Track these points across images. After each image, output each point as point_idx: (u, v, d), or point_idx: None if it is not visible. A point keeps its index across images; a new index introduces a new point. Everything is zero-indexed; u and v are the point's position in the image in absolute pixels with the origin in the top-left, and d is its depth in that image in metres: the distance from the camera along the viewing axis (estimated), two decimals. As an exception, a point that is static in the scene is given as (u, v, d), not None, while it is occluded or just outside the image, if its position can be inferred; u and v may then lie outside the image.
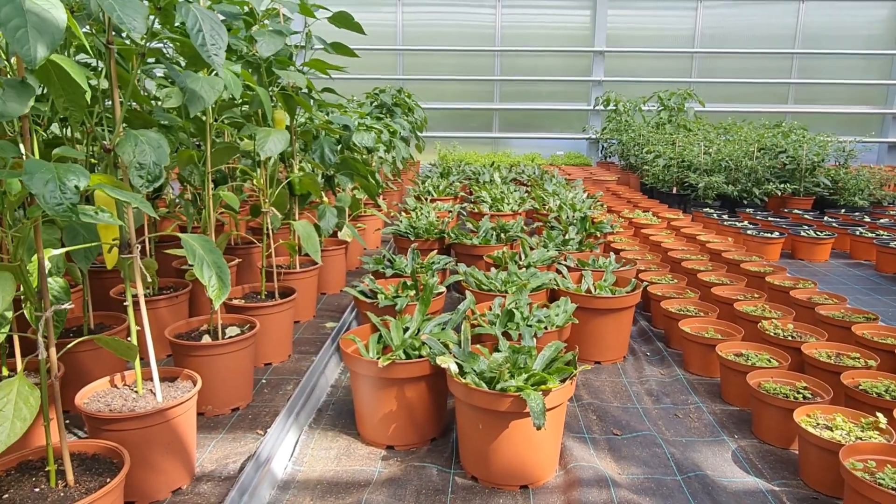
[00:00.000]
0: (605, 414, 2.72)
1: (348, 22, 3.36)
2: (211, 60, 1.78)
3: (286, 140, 2.82)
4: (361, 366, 2.38)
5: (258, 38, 2.61)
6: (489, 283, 3.37)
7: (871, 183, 7.64)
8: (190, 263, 1.98)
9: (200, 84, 2.21)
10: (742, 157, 7.72)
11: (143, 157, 1.78)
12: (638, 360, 3.37)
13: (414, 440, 2.46)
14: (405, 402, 2.40)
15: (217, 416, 2.59)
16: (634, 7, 13.11)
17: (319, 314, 3.96)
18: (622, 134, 10.86)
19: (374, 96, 7.53)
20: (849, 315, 3.40)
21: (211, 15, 1.82)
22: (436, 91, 13.46)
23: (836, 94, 13.44)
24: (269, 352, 3.14)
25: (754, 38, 13.21)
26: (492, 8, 13.15)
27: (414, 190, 6.77)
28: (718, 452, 2.45)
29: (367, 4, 13.18)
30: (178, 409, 2.05)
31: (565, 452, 2.37)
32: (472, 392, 2.13)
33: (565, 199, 5.89)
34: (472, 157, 11.22)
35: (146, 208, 1.55)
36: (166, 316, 3.10)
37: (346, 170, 4.42)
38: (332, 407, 2.80)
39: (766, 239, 5.58)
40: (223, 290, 2.05)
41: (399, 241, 4.79)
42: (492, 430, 2.15)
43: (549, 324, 2.86)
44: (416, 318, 2.71)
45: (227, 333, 2.70)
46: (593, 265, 3.92)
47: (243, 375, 2.68)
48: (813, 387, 2.60)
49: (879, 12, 13.11)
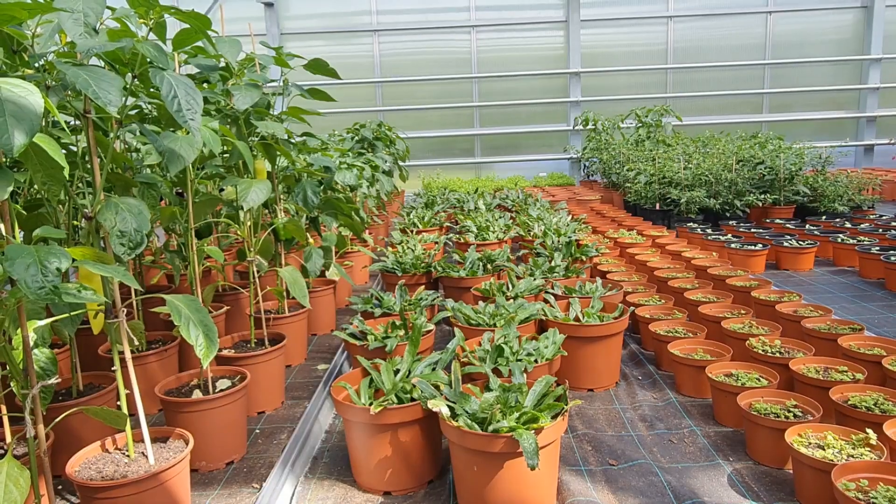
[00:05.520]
0: (600, 444, 2.73)
1: (323, 68, 3.41)
2: (187, 125, 1.81)
3: (268, 189, 2.85)
4: (353, 413, 2.38)
5: (235, 93, 2.64)
6: (477, 317, 3.39)
7: (849, 188, 7.76)
8: (175, 324, 1.99)
9: (179, 143, 2.24)
10: (721, 170, 7.83)
11: (124, 224, 1.80)
12: (630, 385, 3.39)
13: (411, 484, 2.45)
14: (399, 446, 2.40)
15: (212, 471, 2.58)
16: (607, 26, 13.34)
17: (311, 356, 3.95)
18: (602, 152, 10.98)
19: (355, 131, 7.59)
20: (835, 327, 3.44)
21: (185, 80, 1.85)
22: (416, 119, 13.58)
23: (810, 101, 13.67)
24: (261, 400, 3.13)
25: (726, 50, 13.45)
26: (466, 34, 13.33)
27: (399, 222, 6.80)
28: (714, 477, 2.46)
29: (345, 36, 13.34)
30: (170, 472, 2.04)
31: (562, 487, 2.38)
32: (465, 435, 2.13)
33: (550, 223, 5.94)
34: (456, 183, 11.29)
35: (129, 281, 1.56)
36: (157, 371, 3.09)
37: (330, 209, 4.44)
38: (328, 454, 2.79)
39: (750, 252, 5.64)
40: (211, 348, 2.05)
41: (386, 277, 4.80)
42: (487, 471, 2.15)
43: (538, 356, 2.88)
44: (406, 359, 2.72)
45: (217, 387, 2.70)
46: (580, 291, 3.95)
47: (236, 428, 2.67)
48: (803, 404, 2.62)
49: (846, 17, 13.39)
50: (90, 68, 1.73)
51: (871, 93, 13.40)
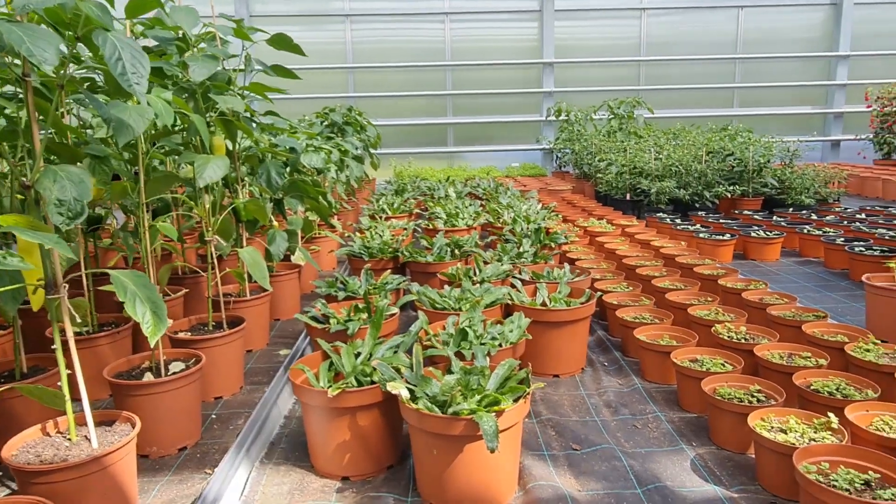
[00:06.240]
0: (564, 429, 2.69)
1: (287, 44, 3.31)
2: (132, 90, 1.71)
3: (225, 166, 2.74)
4: (311, 396, 2.31)
5: (190, 64, 2.53)
6: (443, 301, 3.32)
7: (815, 181, 7.86)
8: (121, 300, 1.89)
9: (128, 113, 2.13)
10: (691, 161, 7.87)
11: (62, 193, 1.70)
12: (596, 370, 3.36)
13: (370, 469, 2.39)
14: (358, 430, 2.33)
15: (163, 457, 2.48)
16: (580, 18, 13.33)
17: (273, 341, 3.86)
18: (574, 143, 10.98)
19: (325, 116, 7.45)
20: (799, 314, 3.45)
21: (131, 43, 1.75)
22: (389, 107, 13.45)
23: (779, 96, 13.85)
24: (218, 385, 3.03)
25: (698, 45, 13.55)
26: (440, 23, 13.22)
27: (368, 209, 6.70)
28: (677, 462, 2.44)
29: (316, 23, 13.13)
30: (114, 456, 1.95)
31: (524, 472, 2.33)
32: (425, 417, 2.07)
33: (520, 211, 5.90)
34: (428, 172, 11.20)
35: (62, 248, 1.46)
36: (108, 354, 2.97)
37: (296, 192, 4.34)
38: (286, 439, 2.71)
39: (718, 241, 5.67)
40: (159, 325, 1.96)
41: (353, 262, 4.72)
42: (447, 455, 2.09)
43: (503, 340, 2.83)
44: (367, 342, 2.65)
45: (170, 370, 2.60)
46: (548, 277, 3.91)
47: (190, 412, 2.57)
48: (766, 389, 2.61)
49: (815, 15, 13.57)
50: (26, 25, 1.62)
51: (839, 89, 13.62)
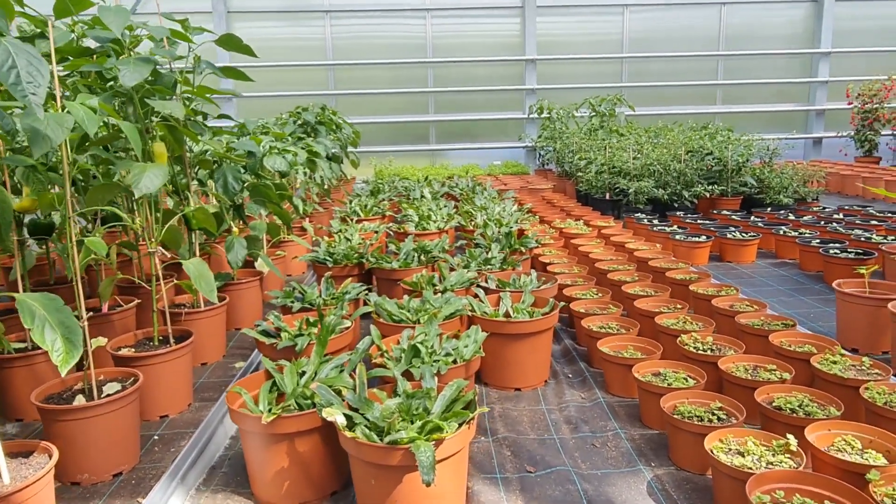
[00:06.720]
0: (520, 449, 2.59)
1: (237, 45, 3.18)
2: (27, 101, 1.57)
3: (164, 175, 2.60)
4: (246, 422, 2.18)
5: (121, 67, 2.39)
6: (400, 313, 3.20)
7: (794, 180, 7.79)
8: (27, 327, 1.76)
9: (45, 122, 1.99)
10: (670, 160, 7.78)
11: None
12: (559, 383, 3.25)
13: (311, 497, 2.27)
14: (298, 457, 2.21)
15: (95, 484, 2.36)
16: (563, 14, 13.21)
17: (230, 353, 3.73)
18: (556, 141, 10.88)
19: (297, 115, 7.30)
20: (768, 322, 3.36)
21: (28, 48, 1.61)
22: (370, 105, 13.28)
23: (762, 93, 13.80)
24: (164, 403, 2.90)
25: (680, 41, 13.46)
26: (422, 19, 13.05)
27: (340, 211, 6.57)
28: (634, 484, 2.34)
29: (296, 17, 12.92)
30: (27, 492, 1.82)
31: (472, 497, 2.23)
32: (361, 446, 1.96)
33: (493, 213, 5.78)
34: (409, 171, 11.05)
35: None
36: (49, 373, 2.83)
37: (258, 196, 4.21)
38: (228, 463, 2.58)
39: (694, 243, 5.58)
40: (71, 353, 1.83)
41: (318, 269, 4.59)
42: (385, 485, 1.98)
43: (457, 356, 2.71)
44: (313, 360, 2.53)
45: (104, 391, 2.47)
46: (513, 285, 3.80)
47: (126, 435, 2.45)
48: (728, 406, 2.52)
49: (797, 12, 13.52)
50: None
51: (821, 86, 13.58)
